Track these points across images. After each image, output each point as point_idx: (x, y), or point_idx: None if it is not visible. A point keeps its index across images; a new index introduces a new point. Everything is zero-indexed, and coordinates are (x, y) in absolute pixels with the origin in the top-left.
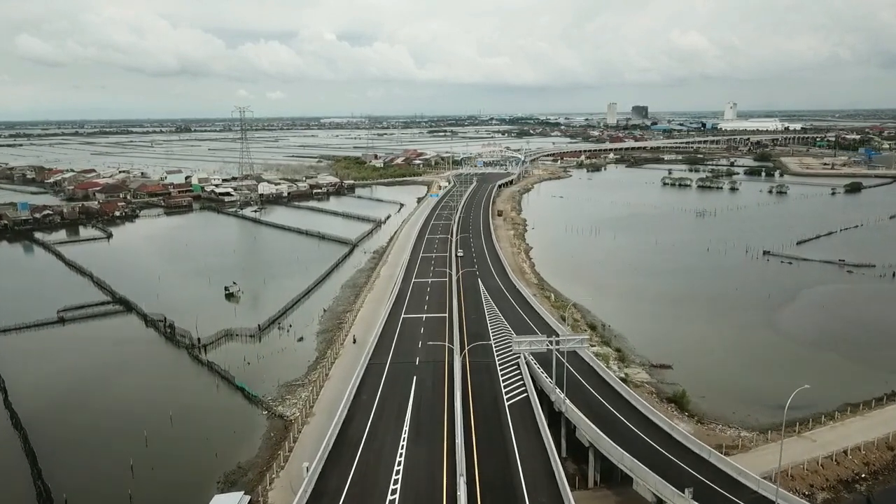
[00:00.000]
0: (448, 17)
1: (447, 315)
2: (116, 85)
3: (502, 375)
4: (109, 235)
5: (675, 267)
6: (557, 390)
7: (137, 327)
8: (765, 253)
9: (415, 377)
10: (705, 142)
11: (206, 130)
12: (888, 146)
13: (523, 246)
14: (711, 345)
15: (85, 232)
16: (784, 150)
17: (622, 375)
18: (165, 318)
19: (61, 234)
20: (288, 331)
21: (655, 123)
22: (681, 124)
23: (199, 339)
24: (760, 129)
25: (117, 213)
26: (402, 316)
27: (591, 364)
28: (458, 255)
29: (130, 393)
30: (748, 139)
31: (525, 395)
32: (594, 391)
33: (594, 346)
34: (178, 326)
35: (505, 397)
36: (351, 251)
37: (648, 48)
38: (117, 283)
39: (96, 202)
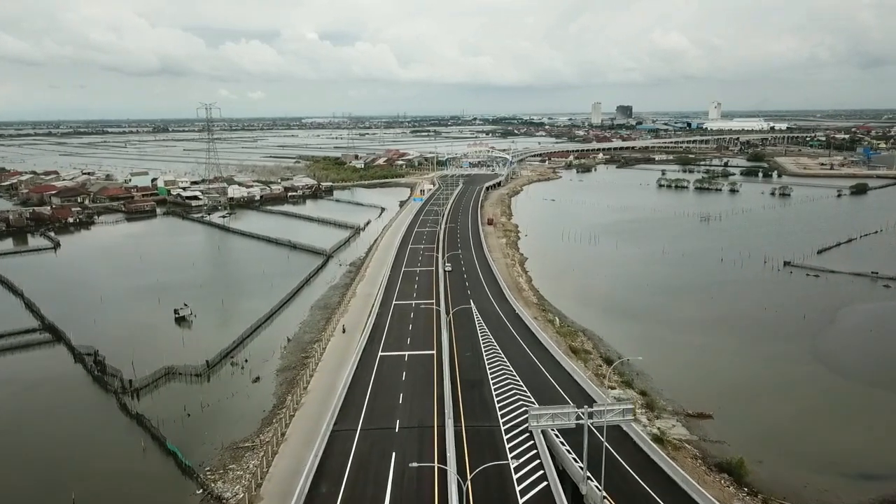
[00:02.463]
0: (432, 17)
1: (435, 353)
2: (96, 84)
3: (511, 449)
4: (56, 245)
5: (690, 281)
6: (592, 483)
7: (62, 364)
8: (786, 264)
9: (393, 456)
10: (694, 141)
11: (184, 130)
12: (885, 146)
13: (517, 257)
14: (752, 384)
15: (33, 241)
16: (776, 150)
17: (655, 431)
18: (97, 352)
19: (7, 244)
20: (242, 368)
21: (640, 123)
22: (666, 124)
23: (130, 382)
24: (746, 128)
25: (71, 220)
26: (380, 354)
27: (625, 428)
28: (446, 269)
29: (30, 460)
30: (737, 139)
31: (545, 484)
32: (635, 473)
33: (612, 387)
34: (108, 364)
35: (518, 488)
36: (325, 263)
37: (631, 48)
38: (51, 305)
39: (49, 207)
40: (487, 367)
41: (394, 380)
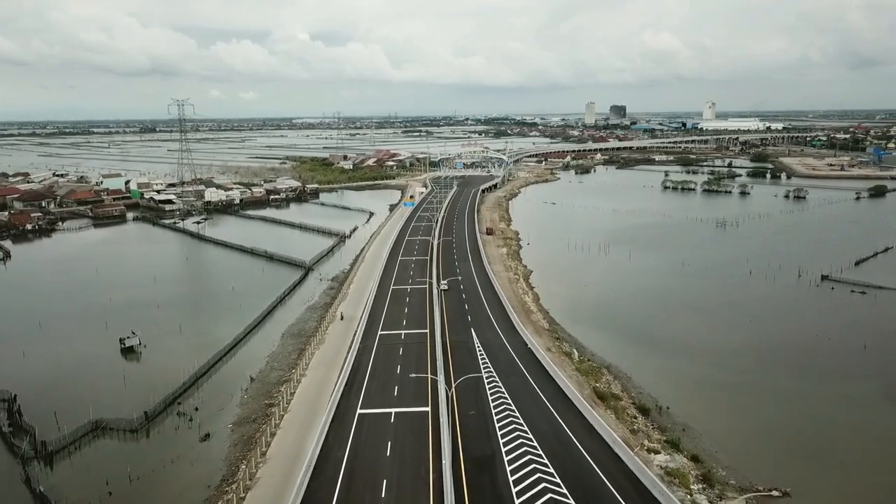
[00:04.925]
0: (424, 18)
1: (430, 410)
2: (86, 85)
3: None
4: (6, 257)
5: (721, 299)
6: None
7: None
8: (824, 278)
9: None
10: (693, 142)
11: (171, 131)
12: (893, 146)
13: (521, 269)
14: (829, 441)
15: None
16: (779, 151)
17: None
18: (13, 398)
19: None
20: (191, 419)
21: (635, 123)
22: (660, 124)
23: (44, 443)
24: (742, 128)
25: (29, 226)
26: (359, 411)
27: None
28: (442, 288)
29: None
30: (737, 139)
31: None
32: None
33: (657, 451)
34: (25, 415)
35: None
36: (304, 277)
37: (622, 49)
38: None
39: (7, 212)
40: (499, 433)
41: (376, 454)
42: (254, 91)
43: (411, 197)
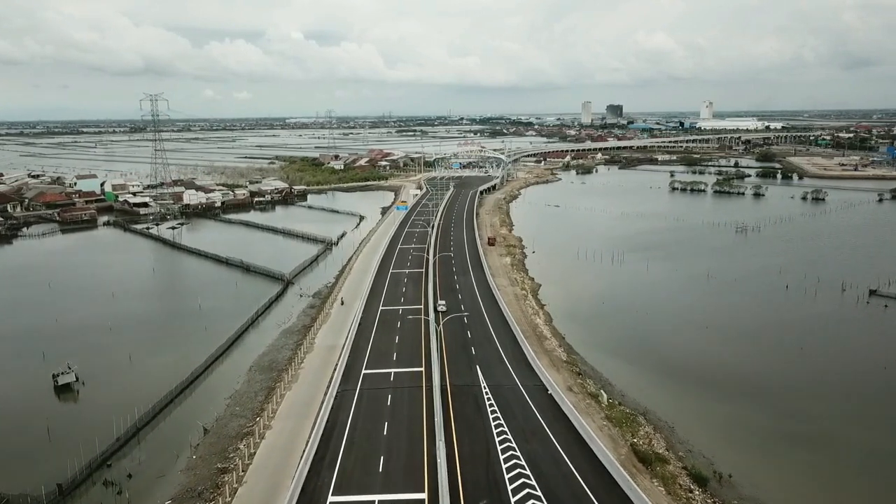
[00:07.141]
0: (418, 18)
1: (426, 497)
2: (79, 84)
3: None
4: None
5: (759, 321)
6: None
7: None
8: (872, 293)
9: None
10: (694, 141)
11: (163, 130)
12: None
13: (528, 283)
14: None
15: None
16: (784, 150)
17: None
18: None
19: None
20: (119, 493)
21: (632, 122)
22: (657, 123)
23: None
24: (741, 128)
25: None
26: (330, 499)
27: None
28: (440, 309)
29: None
30: (739, 138)
31: None
32: None
33: None
34: None
35: None
36: (282, 292)
37: (617, 49)
38: None
39: None
40: None
41: None
42: (248, 91)
43: (403, 201)
